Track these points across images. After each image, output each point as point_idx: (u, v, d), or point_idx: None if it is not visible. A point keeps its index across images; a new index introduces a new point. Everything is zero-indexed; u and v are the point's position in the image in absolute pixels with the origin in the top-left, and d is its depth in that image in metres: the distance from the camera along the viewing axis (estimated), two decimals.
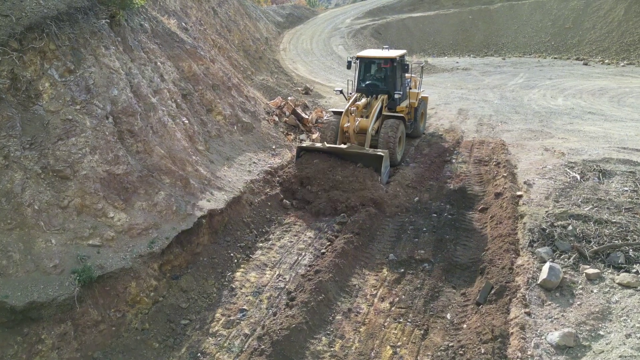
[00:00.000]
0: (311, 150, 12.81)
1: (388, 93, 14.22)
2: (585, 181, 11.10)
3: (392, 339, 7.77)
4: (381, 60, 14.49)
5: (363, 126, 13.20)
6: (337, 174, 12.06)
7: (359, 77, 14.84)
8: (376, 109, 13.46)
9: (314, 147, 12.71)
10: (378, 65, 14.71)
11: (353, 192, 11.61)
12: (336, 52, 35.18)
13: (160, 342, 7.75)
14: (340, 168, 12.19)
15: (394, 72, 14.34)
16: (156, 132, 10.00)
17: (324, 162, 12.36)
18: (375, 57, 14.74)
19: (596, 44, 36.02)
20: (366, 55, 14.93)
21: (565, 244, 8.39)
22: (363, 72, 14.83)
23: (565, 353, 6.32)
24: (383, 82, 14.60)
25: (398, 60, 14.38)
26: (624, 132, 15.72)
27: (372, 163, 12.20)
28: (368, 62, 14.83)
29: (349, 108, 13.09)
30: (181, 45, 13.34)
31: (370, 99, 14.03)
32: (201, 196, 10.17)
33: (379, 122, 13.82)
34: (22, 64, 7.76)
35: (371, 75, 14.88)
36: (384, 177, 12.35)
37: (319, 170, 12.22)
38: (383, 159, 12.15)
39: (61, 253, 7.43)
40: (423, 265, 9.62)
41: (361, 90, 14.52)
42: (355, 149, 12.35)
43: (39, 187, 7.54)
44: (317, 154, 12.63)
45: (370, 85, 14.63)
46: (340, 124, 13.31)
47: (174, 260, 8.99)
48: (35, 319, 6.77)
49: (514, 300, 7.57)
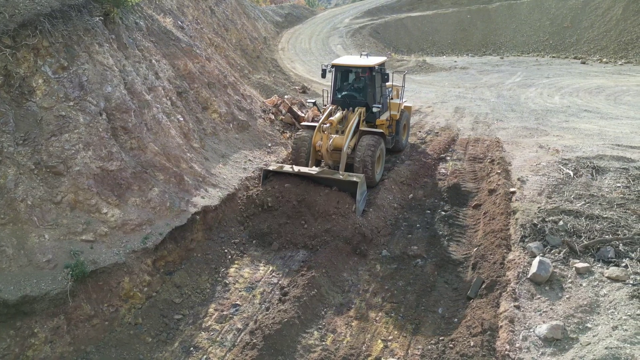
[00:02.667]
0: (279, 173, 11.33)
1: (366, 105, 12.87)
2: (579, 178, 11.14)
3: (383, 333, 7.83)
4: (358, 69, 13.05)
5: (337, 144, 11.78)
6: (308, 201, 10.62)
7: (334, 87, 13.44)
8: (352, 124, 12.03)
9: (282, 170, 11.23)
10: (356, 74, 13.32)
11: (323, 223, 10.26)
12: (335, 51, 35.22)
13: (153, 337, 7.81)
14: (313, 193, 10.74)
15: (372, 82, 12.93)
16: (150, 129, 10.05)
17: (295, 186, 10.91)
18: (351, 65, 13.23)
19: (594, 43, 36.06)
20: (342, 64, 13.33)
21: (556, 238, 8.44)
22: (339, 81, 13.48)
23: (552, 345, 6.37)
24: (361, 93, 13.18)
25: (377, 69, 12.96)
26: (619, 130, 15.76)
27: (347, 188, 10.84)
28: (344, 70, 13.42)
29: (322, 124, 11.68)
30: (177, 43, 13.40)
31: (347, 112, 12.59)
32: (195, 193, 10.22)
33: (356, 138, 12.44)
34: (16, 60, 7.82)
35: (348, 86, 13.52)
36: (359, 205, 10.73)
37: (286, 196, 10.75)
38: (358, 186, 10.63)
39: (54, 248, 7.49)
40: (416, 261, 9.67)
41: (337, 102, 13.06)
42: (327, 174, 10.88)
43: (32, 183, 7.60)
44: (286, 176, 11.19)
45: (347, 96, 13.22)
46: (312, 141, 11.98)
47: (167, 256, 9.05)
48: (28, 313, 6.83)
49: (504, 294, 7.63)
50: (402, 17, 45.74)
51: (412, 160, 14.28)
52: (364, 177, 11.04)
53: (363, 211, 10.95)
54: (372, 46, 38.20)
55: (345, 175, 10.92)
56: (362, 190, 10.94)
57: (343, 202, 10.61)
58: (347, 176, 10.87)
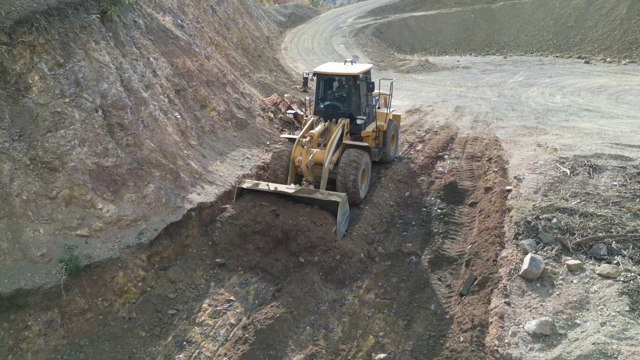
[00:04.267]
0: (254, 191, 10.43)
1: (350, 116, 11.97)
2: (575, 176, 11.11)
3: (375, 329, 7.87)
4: (342, 78, 12.17)
5: (318, 159, 10.94)
6: (285, 222, 9.67)
7: (317, 97, 12.55)
8: (335, 137, 11.13)
9: (257, 188, 10.32)
10: (339, 82, 12.48)
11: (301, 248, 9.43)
12: (337, 51, 35.27)
13: (147, 331, 7.89)
14: (291, 213, 9.82)
15: (357, 92, 12.03)
16: (147, 126, 10.13)
17: (273, 204, 10.07)
18: (334, 73, 12.30)
19: (598, 43, 35.86)
20: (324, 71, 12.34)
21: (549, 236, 8.43)
22: (322, 90, 12.56)
23: (541, 341, 6.38)
24: (344, 103, 12.27)
25: (362, 78, 12.02)
26: (619, 129, 15.69)
27: (328, 208, 10.00)
28: (327, 79, 12.51)
29: (301, 138, 10.86)
30: (175, 41, 13.49)
31: (329, 124, 11.76)
32: (191, 189, 10.30)
33: (340, 152, 11.53)
34: (12, 57, 7.92)
35: (331, 95, 12.64)
36: (340, 227, 9.88)
37: (261, 217, 9.84)
38: (339, 206, 9.79)
39: (49, 242, 7.58)
40: (410, 258, 9.69)
41: (319, 113, 12.19)
42: (305, 193, 10.08)
43: (27, 178, 7.69)
44: (263, 193, 10.35)
45: (330, 106, 12.30)
46: (292, 156, 11.03)
47: (162, 252, 9.12)
48: (22, 306, 6.92)
49: (495, 290, 7.64)
50: (405, 16, 45.72)
51: (409, 158, 14.30)
52: (345, 196, 10.22)
53: (345, 232, 10.09)
54: (374, 46, 38.22)
55: (325, 194, 10.05)
56: (344, 210, 10.12)
57: (324, 222, 9.68)
58: (328, 195, 9.98)
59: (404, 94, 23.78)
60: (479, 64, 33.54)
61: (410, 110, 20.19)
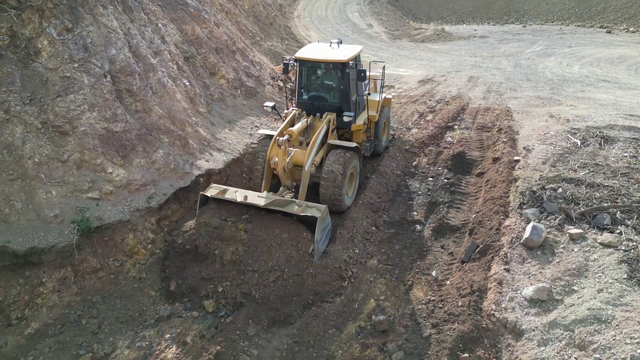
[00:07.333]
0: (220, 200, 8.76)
1: (338, 109, 10.43)
2: (586, 147, 10.98)
3: (376, 292, 8.06)
4: (329, 65, 10.40)
5: (298, 160, 9.33)
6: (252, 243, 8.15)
7: (299, 87, 10.81)
8: (318, 136, 9.56)
9: (222, 198, 8.68)
10: (325, 70, 10.67)
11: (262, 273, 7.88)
12: (351, 19, 34.61)
13: (157, 291, 8.20)
14: (263, 227, 8.29)
15: (345, 81, 10.39)
16: (155, 92, 10.22)
17: (240, 216, 8.53)
18: (319, 59, 10.40)
19: (622, 11, 34.47)
20: (307, 57, 10.46)
21: (553, 205, 8.43)
22: (304, 79, 10.84)
23: (537, 306, 6.49)
24: (331, 94, 10.76)
25: (351, 65, 10.36)
26: (635, 100, 15.31)
27: (305, 221, 8.44)
28: (311, 66, 10.67)
29: (278, 137, 9.07)
30: (185, 8, 13.41)
31: (313, 119, 10.20)
32: (200, 156, 10.45)
33: (324, 151, 9.95)
34: (21, 21, 8.01)
35: (315, 84, 10.98)
36: (319, 245, 8.39)
37: (226, 232, 8.32)
38: (317, 222, 8.24)
39: (61, 204, 7.84)
40: (414, 226, 9.79)
41: (302, 105, 10.64)
42: (278, 205, 8.42)
43: (39, 141, 7.89)
44: (229, 203, 8.70)
45: (315, 98, 10.72)
46: (267, 157, 9.29)
47: (171, 216, 9.36)
48: (36, 264, 7.23)
49: (496, 258, 7.73)
50: None
51: (418, 128, 14.21)
52: (326, 208, 8.62)
53: (324, 251, 8.57)
54: (389, 14, 37.32)
55: (302, 206, 8.48)
56: (324, 225, 8.61)
57: (300, 238, 8.25)
58: (305, 208, 8.45)
59: (417, 63, 23.37)
60: (496, 33, 32.60)
61: (422, 80, 19.90)
